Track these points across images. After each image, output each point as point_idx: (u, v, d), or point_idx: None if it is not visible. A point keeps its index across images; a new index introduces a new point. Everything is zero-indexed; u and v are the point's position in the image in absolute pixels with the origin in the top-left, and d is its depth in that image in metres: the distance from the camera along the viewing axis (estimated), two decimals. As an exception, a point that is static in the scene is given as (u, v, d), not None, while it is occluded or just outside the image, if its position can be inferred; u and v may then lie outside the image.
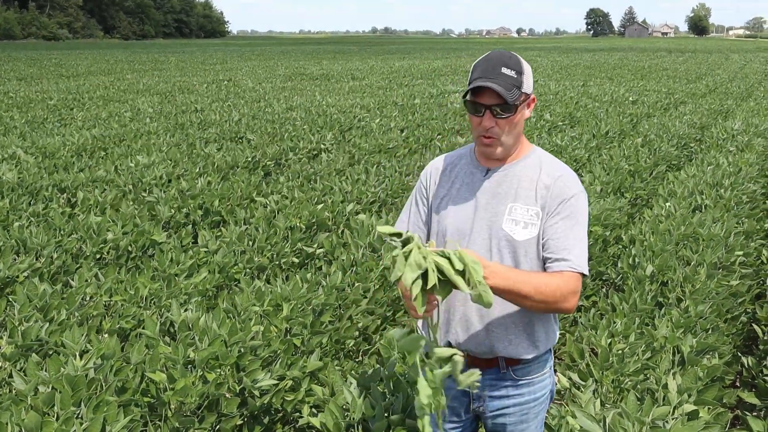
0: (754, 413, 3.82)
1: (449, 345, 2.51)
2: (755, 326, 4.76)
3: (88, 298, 4.55)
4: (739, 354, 4.65)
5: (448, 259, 2.05)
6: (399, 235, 2.09)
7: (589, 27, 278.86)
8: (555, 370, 2.98)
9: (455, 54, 56.97)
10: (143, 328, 3.92)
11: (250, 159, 9.64)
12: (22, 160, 9.03)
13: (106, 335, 4.06)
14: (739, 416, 4.09)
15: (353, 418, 3.23)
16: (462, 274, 2.04)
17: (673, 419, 3.08)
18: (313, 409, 3.68)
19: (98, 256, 5.67)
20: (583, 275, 2.33)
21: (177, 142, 11.24)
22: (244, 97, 19.62)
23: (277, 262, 5.70)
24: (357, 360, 4.57)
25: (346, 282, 4.82)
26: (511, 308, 2.42)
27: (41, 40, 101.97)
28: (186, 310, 4.25)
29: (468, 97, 2.36)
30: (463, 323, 2.49)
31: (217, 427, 3.51)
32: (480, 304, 2.04)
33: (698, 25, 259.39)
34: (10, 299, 4.35)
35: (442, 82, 25.72)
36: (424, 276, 2.02)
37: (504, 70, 2.31)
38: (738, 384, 4.55)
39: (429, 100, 18.64)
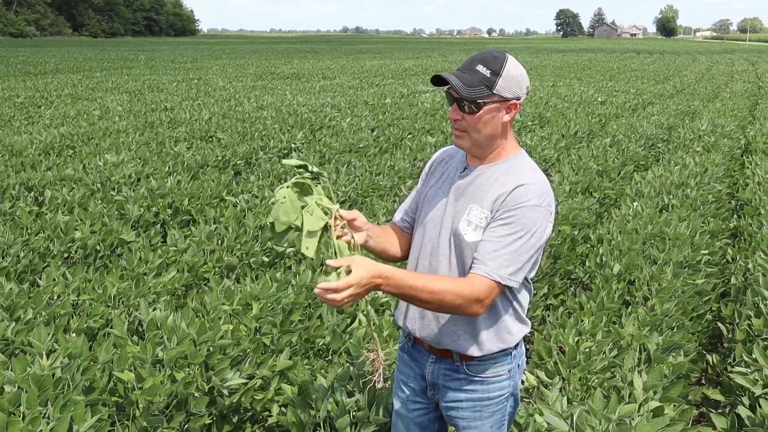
0: (719, 410, 3.88)
1: (407, 330, 2.63)
2: (720, 324, 4.83)
3: (55, 297, 4.50)
4: (704, 352, 4.72)
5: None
6: (305, 167, 2.32)
7: (559, 28, 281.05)
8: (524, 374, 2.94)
9: (426, 54, 57.07)
10: (111, 328, 3.89)
11: (220, 158, 9.60)
12: (-12, 158, 8.92)
13: (74, 334, 4.03)
14: (703, 413, 4.16)
15: (320, 416, 3.24)
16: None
17: (638, 416, 3.12)
18: (283, 408, 3.67)
19: (66, 255, 5.62)
20: (507, 286, 2.30)
21: (146, 140, 11.16)
22: (215, 96, 19.51)
23: (247, 262, 5.68)
24: (327, 359, 4.56)
25: (316, 281, 4.81)
26: None
27: (8, 37, 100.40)
28: (155, 309, 4.23)
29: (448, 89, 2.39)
30: (419, 312, 2.53)
31: (186, 426, 3.49)
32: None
33: (666, 26, 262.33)
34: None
35: (413, 82, 25.76)
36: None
37: (479, 66, 2.31)
38: (703, 381, 4.61)
39: (400, 99, 18.67)
